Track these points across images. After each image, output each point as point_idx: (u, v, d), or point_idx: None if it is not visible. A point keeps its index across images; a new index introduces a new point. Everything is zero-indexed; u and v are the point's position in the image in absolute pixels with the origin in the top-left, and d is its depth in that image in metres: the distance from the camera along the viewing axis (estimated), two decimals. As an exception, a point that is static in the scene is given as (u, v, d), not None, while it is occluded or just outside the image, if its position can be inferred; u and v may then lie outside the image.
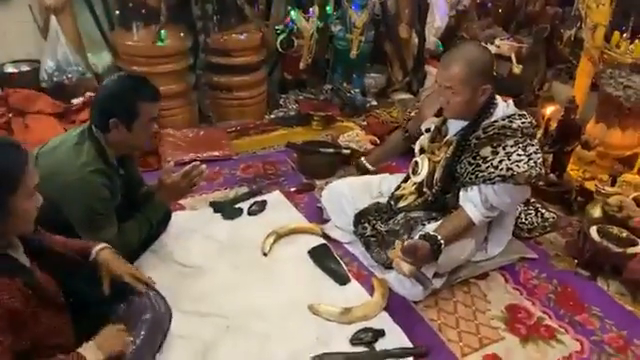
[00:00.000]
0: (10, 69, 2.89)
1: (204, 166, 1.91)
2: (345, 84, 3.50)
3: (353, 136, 2.87)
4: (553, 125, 2.63)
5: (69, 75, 2.75)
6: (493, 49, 3.49)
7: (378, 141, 2.86)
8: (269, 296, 1.92)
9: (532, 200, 2.46)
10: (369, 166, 2.45)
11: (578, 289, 2.05)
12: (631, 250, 2.05)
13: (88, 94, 2.73)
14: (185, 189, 1.92)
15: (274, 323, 1.81)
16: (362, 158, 2.50)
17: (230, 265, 2.07)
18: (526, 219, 2.38)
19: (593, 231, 2.14)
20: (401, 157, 2.90)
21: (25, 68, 2.88)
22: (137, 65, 2.88)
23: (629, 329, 1.87)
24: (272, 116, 3.37)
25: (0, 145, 1.19)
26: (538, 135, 2.62)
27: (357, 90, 3.51)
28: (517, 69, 3.45)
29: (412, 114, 2.45)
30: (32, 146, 2.40)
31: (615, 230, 2.15)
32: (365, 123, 3.29)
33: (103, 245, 1.55)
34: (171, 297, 1.77)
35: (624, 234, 2.13)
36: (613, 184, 2.39)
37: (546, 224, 2.41)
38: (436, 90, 1.97)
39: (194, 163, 1.91)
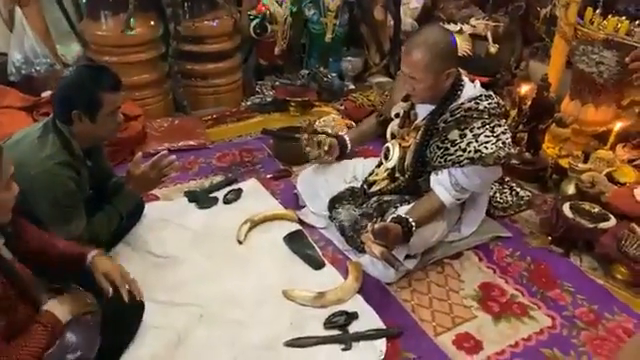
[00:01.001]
0: (-24, 63, 2.82)
1: (173, 156, 1.89)
2: (322, 68, 3.47)
3: (329, 121, 2.86)
4: (528, 104, 2.63)
5: (37, 67, 2.70)
6: (469, 29, 3.48)
7: (355, 125, 2.85)
8: (243, 284, 1.92)
9: (507, 179, 2.47)
10: (348, 142, 2.32)
11: (551, 266, 2.07)
12: (603, 225, 2.07)
13: (57, 86, 2.69)
14: (155, 180, 1.90)
15: (248, 310, 1.81)
16: (345, 135, 2.42)
17: (205, 254, 2.06)
18: (501, 198, 2.40)
19: (566, 207, 2.16)
20: (376, 141, 2.91)
21: (-9, 62, 2.83)
22: (108, 55, 2.83)
23: (600, 303, 1.89)
24: (248, 103, 3.34)
25: None
26: (512, 114, 2.64)
27: (334, 74, 3.48)
28: (493, 48, 3.44)
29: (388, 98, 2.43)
30: (2, 141, 2.38)
31: (587, 206, 2.17)
32: (343, 107, 3.27)
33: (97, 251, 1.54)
34: (145, 288, 1.74)
35: (596, 210, 2.16)
36: (586, 160, 2.41)
37: (521, 202, 2.43)
38: (401, 77, 1.95)
39: (162, 153, 1.89)
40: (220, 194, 2.43)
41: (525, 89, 2.71)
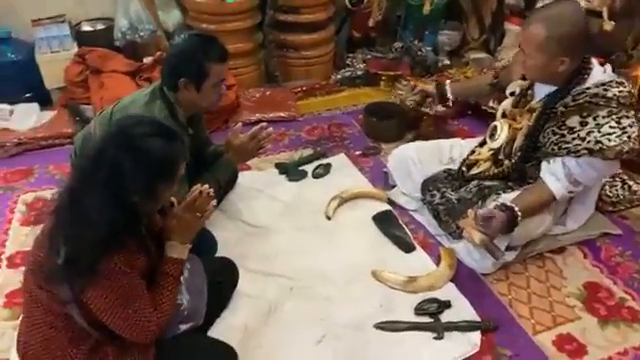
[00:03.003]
0: (86, 27, 2.96)
1: (270, 129, 1.89)
2: (416, 42, 3.33)
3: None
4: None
5: (141, 33, 2.79)
6: (583, 4, 3.18)
7: (451, 104, 2.71)
8: (332, 260, 1.92)
9: (618, 171, 2.26)
10: (449, 92, 2.20)
11: (668, 270, 1.88)
12: None
13: (159, 53, 2.77)
14: (253, 151, 1.91)
15: (337, 287, 1.81)
16: (447, 81, 2.29)
17: (294, 227, 2.07)
18: (611, 191, 2.20)
19: (689, 207, 1.94)
20: (474, 121, 2.76)
21: (100, 26, 2.95)
22: (206, 23, 2.87)
23: None
24: (338, 76, 3.28)
25: (171, 137, 1.21)
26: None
27: (429, 48, 3.33)
28: (608, 26, 3.12)
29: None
30: (107, 102, 2.49)
31: None
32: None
33: None
34: (239, 255, 1.81)
35: None
36: None
37: (634, 197, 2.22)
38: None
39: (261, 124, 1.88)
40: (309, 167, 2.43)
41: (644, 71, 2.45)
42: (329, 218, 2.12)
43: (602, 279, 1.86)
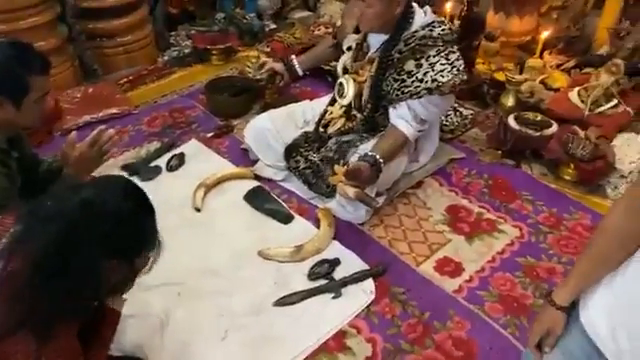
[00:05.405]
0: None
1: (111, 130, 1.68)
2: (238, 9, 3.24)
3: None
4: (456, 22, 2.62)
5: None
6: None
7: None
8: (214, 252, 1.83)
9: (449, 101, 2.49)
10: (297, 67, 2.25)
11: (507, 178, 2.15)
12: (547, 132, 2.17)
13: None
14: (96, 159, 1.68)
15: (227, 278, 1.74)
16: (292, 57, 2.30)
17: (163, 229, 1.89)
18: (447, 120, 2.42)
19: (511, 120, 2.22)
20: (316, 82, 2.80)
21: None
22: (-6, 23, 2.43)
23: (558, 206, 2.01)
24: (165, 58, 3.06)
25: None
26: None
27: (252, 15, 3.26)
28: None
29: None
30: None
31: (530, 115, 2.25)
32: (268, 49, 3.09)
33: None
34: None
35: (538, 118, 2.24)
36: (521, 71, 2.47)
37: (466, 121, 2.48)
38: (352, 3, 1.83)
39: (100, 127, 1.67)
40: (161, 162, 2.26)
41: (449, 6, 2.69)
42: (199, 210, 2.01)
43: (459, 200, 2.06)
